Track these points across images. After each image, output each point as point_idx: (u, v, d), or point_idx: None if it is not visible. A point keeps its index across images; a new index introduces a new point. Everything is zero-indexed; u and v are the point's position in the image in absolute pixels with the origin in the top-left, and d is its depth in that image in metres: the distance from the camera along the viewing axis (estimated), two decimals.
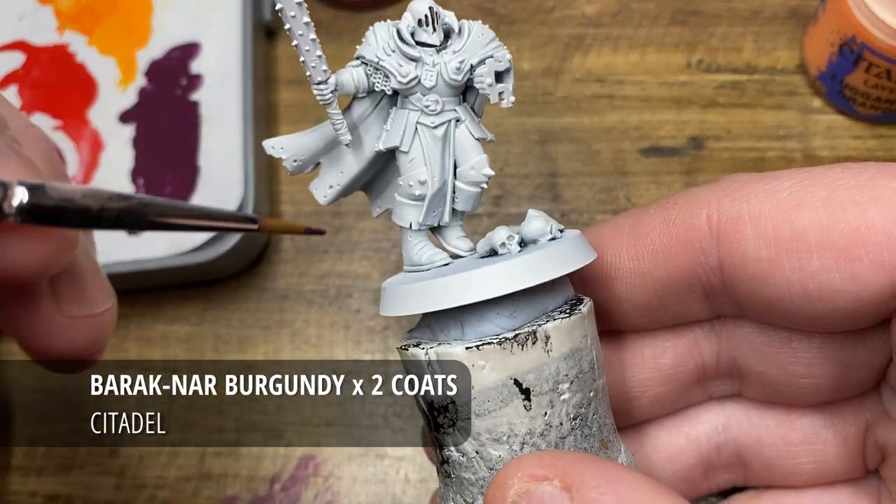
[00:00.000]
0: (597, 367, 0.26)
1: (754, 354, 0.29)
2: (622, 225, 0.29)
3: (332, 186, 0.28)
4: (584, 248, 0.26)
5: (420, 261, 0.27)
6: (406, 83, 0.25)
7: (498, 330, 0.24)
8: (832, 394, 0.29)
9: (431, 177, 0.26)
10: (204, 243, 0.43)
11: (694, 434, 0.32)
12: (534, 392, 0.24)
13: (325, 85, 0.25)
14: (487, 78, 0.25)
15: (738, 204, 0.26)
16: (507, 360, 0.24)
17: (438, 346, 0.24)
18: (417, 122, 0.26)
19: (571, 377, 0.24)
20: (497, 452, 0.24)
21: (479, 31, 0.26)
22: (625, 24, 0.50)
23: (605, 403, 0.26)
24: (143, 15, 0.49)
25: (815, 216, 0.24)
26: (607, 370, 0.30)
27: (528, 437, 0.24)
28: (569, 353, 0.24)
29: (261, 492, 0.43)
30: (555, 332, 0.24)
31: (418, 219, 0.27)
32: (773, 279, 0.25)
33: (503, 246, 0.26)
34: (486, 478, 0.25)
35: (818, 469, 0.30)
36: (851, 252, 0.23)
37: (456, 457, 0.25)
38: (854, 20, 0.41)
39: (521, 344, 0.24)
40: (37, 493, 0.43)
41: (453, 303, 0.24)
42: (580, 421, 0.25)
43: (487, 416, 0.24)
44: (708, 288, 0.28)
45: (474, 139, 0.26)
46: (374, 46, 0.25)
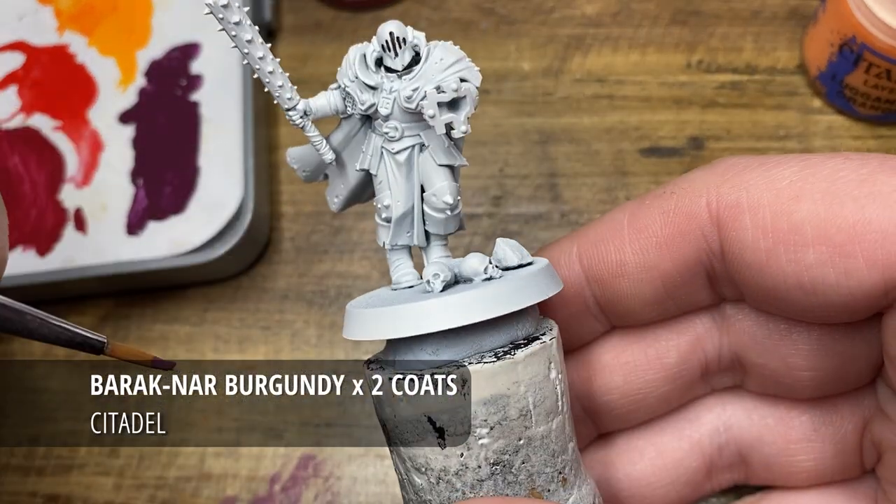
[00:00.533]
0: (532, 415, 0.24)
1: (755, 347, 0.29)
2: (620, 220, 0.29)
3: (338, 196, 0.29)
4: (531, 288, 0.25)
5: (394, 279, 0.28)
6: (364, 110, 0.26)
7: (420, 365, 0.24)
8: (831, 386, 0.29)
9: (395, 201, 0.26)
10: (204, 243, 0.43)
11: (696, 437, 0.32)
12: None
13: (293, 111, 0.26)
14: (429, 109, 0.24)
15: (738, 191, 0.26)
16: (421, 397, 0.24)
17: (376, 370, 0.25)
18: (381, 147, 0.26)
19: (492, 423, 0.24)
20: (419, 480, 0.25)
21: (440, 56, 0.25)
22: (625, 24, 0.50)
23: (546, 451, 0.25)
24: (143, 15, 0.49)
25: (813, 209, 0.24)
26: (611, 374, 0.31)
27: (442, 473, 0.24)
28: (490, 399, 0.24)
29: (261, 492, 0.43)
30: (476, 376, 0.23)
31: (387, 239, 0.27)
32: (769, 269, 0.25)
33: (428, 283, 0.25)
34: (414, 500, 0.25)
35: (817, 467, 0.30)
36: (846, 248, 0.24)
37: (396, 472, 0.26)
38: (854, 20, 0.41)
39: (435, 383, 0.24)
40: (37, 493, 0.43)
41: (378, 336, 0.24)
42: (502, 467, 0.24)
43: (409, 447, 0.25)
44: (711, 273, 0.28)
45: (437, 165, 0.26)
46: (344, 70, 0.26)
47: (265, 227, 0.46)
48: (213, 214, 0.43)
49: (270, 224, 0.47)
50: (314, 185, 0.47)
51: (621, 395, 0.31)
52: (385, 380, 0.24)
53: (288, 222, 0.47)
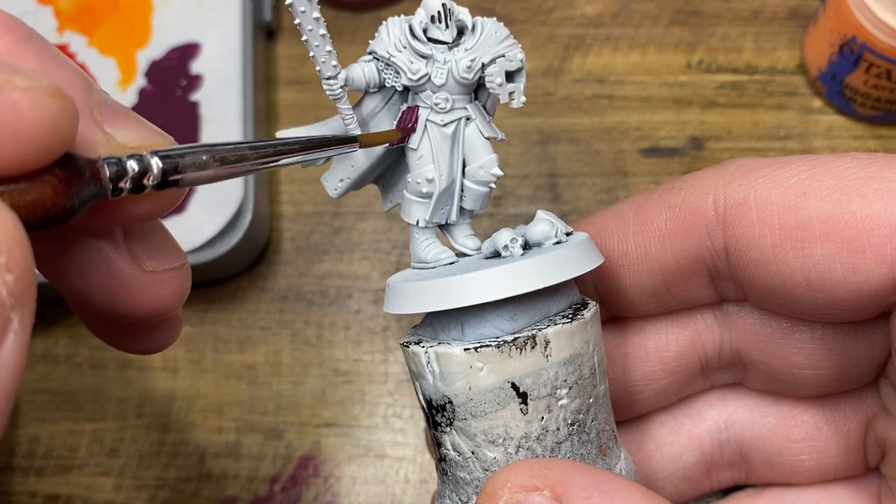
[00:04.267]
0: (598, 372, 0.25)
1: (757, 345, 0.29)
2: (626, 211, 0.29)
3: (342, 180, 0.28)
4: (590, 254, 0.25)
5: (426, 258, 0.27)
6: (416, 80, 0.25)
7: (497, 332, 0.24)
8: (832, 385, 0.29)
9: (439, 175, 0.26)
10: (204, 243, 0.43)
11: (696, 432, 0.32)
12: (531, 396, 0.24)
13: (334, 80, 0.25)
14: (497, 77, 0.25)
15: (745, 189, 0.26)
16: (505, 363, 0.24)
17: (438, 345, 0.24)
18: (427, 120, 0.26)
19: (570, 383, 0.24)
20: (492, 454, 0.24)
21: (493, 29, 0.25)
22: (625, 24, 0.50)
23: (606, 409, 0.26)
24: (143, 15, 0.49)
25: (820, 206, 0.24)
26: (611, 364, 0.30)
27: (523, 440, 0.24)
28: (568, 359, 0.24)
29: (261, 492, 0.43)
30: (555, 337, 0.24)
31: (425, 216, 0.27)
32: (775, 266, 0.25)
33: (506, 249, 0.25)
34: (481, 478, 0.25)
35: (819, 466, 0.30)
36: (855, 244, 0.23)
37: (452, 456, 0.25)
38: (854, 20, 0.41)
39: (519, 348, 0.24)
40: (37, 493, 0.43)
41: (452, 304, 0.24)
42: (578, 427, 0.25)
43: (484, 418, 0.24)
44: (714, 272, 0.28)
45: (484, 138, 0.26)
46: (386, 42, 0.25)
47: (265, 227, 0.46)
48: (214, 214, 0.43)
49: (270, 224, 0.47)
50: (314, 185, 0.47)
51: (619, 387, 0.31)
52: (460, 351, 0.24)
53: (288, 222, 0.47)
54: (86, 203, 0.18)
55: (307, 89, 0.50)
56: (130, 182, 0.18)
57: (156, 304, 0.23)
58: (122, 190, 0.18)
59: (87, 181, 0.17)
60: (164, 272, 0.23)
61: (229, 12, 0.48)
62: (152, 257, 0.22)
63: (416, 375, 0.25)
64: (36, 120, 0.16)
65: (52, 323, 0.46)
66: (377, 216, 0.47)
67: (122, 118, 0.20)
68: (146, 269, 0.22)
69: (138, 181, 0.19)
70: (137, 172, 0.19)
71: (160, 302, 0.23)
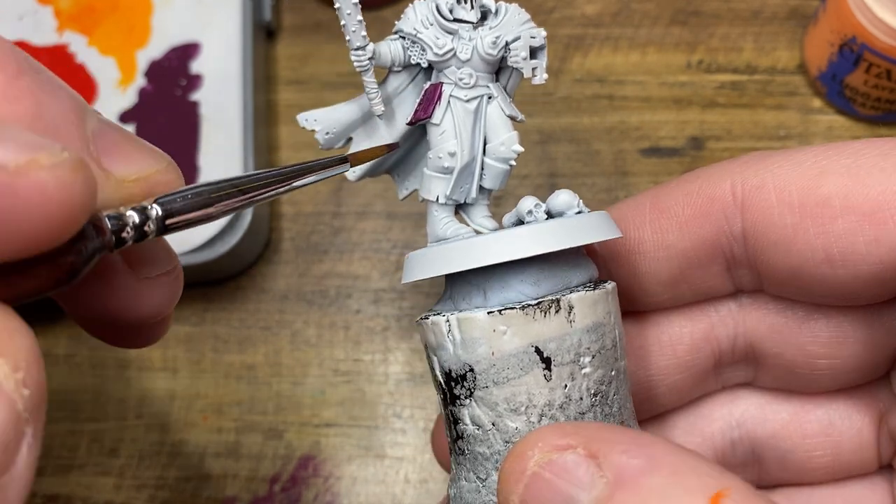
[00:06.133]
0: (619, 346, 0.25)
1: (772, 336, 0.29)
2: (643, 201, 0.29)
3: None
4: (610, 224, 0.26)
5: (445, 234, 0.27)
6: (442, 55, 0.26)
7: (521, 297, 0.24)
8: (848, 377, 0.29)
9: (461, 149, 0.26)
10: (204, 243, 0.43)
11: (709, 431, 0.32)
12: (554, 362, 0.24)
13: (362, 51, 0.25)
14: (522, 52, 0.26)
15: (762, 174, 0.26)
16: (529, 326, 0.24)
17: (460, 312, 0.24)
18: (450, 95, 0.26)
19: (594, 351, 0.24)
20: (514, 424, 0.24)
21: (516, 12, 0.27)
22: (625, 24, 0.50)
23: (627, 387, 0.26)
24: (143, 15, 0.49)
25: (839, 182, 0.24)
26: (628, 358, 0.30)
27: (546, 408, 0.24)
28: (592, 327, 0.24)
29: (261, 492, 0.42)
30: (579, 303, 0.24)
31: (446, 192, 0.27)
32: (796, 245, 0.25)
33: (530, 214, 0.26)
34: (502, 451, 0.24)
35: (832, 462, 0.30)
36: (876, 215, 0.24)
37: (471, 430, 0.25)
38: (854, 20, 0.41)
39: (544, 311, 0.24)
40: (37, 494, 0.43)
41: (475, 263, 0.24)
42: (601, 398, 0.25)
43: (506, 385, 0.24)
44: (730, 258, 0.28)
45: (505, 116, 0.27)
46: (413, 20, 0.26)
47: (265, 227, 0.46)
48: None
49: (270, 224, 0.47)
50: (314, 185, 0.47)
51: (634, 382, 0.30)
52: (483, 315, 0.24)
53: (288, 222, 0.47)
54: (89, 261, 0.18)
55: (307, 89, 0.50)
56: (132, 231, 0.19)
57: (150, 308, 0.23)
58: (125, 241, 0.19)
59: (91, 238, 0.17)
60: (157, 277, 0.23)
61: (229, 12, 0.48)
62: (146, 264, 0.23)
63: (433, 348, 0.25)
64: (63, 199, 0.16)
65: (52, 323, 0.46)
66: (377, 216, 0.47)
67: (118, 147, 0.20)
68: (140, 276, 0.22)
69: (140, 230, 0.19)
70: (139, 223, 0.19)
71: (154, 306, 0.23)
